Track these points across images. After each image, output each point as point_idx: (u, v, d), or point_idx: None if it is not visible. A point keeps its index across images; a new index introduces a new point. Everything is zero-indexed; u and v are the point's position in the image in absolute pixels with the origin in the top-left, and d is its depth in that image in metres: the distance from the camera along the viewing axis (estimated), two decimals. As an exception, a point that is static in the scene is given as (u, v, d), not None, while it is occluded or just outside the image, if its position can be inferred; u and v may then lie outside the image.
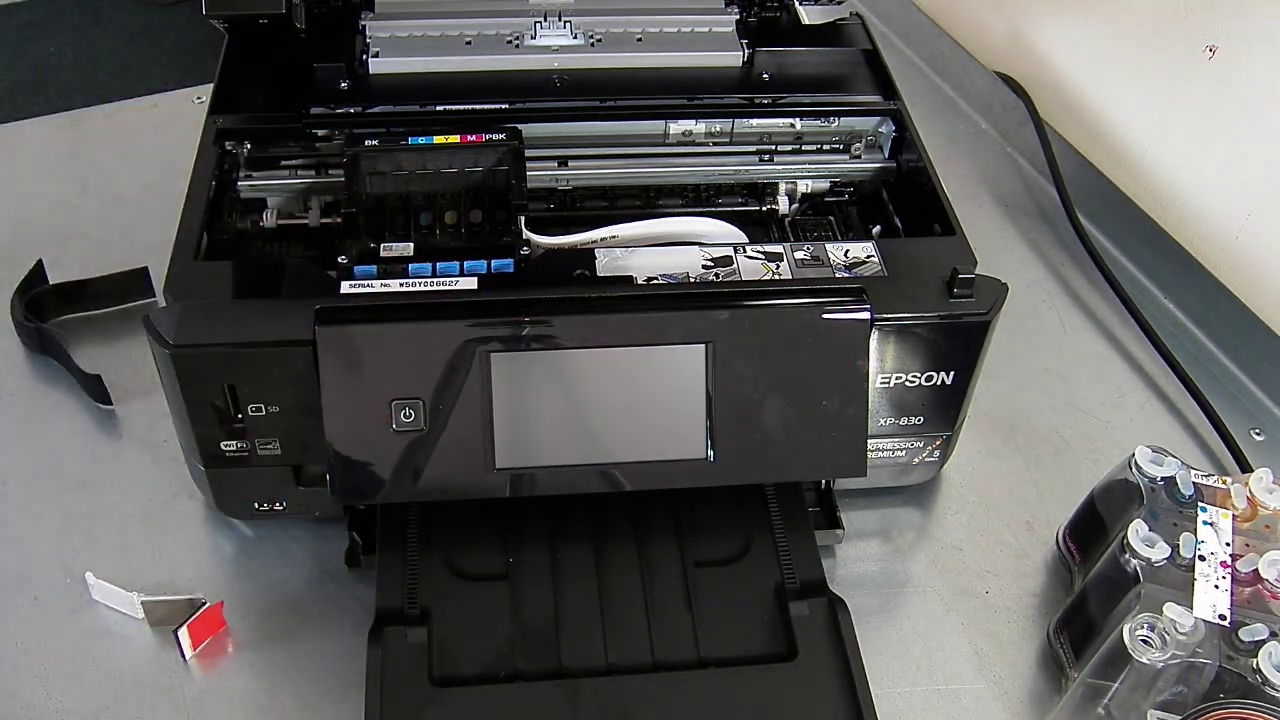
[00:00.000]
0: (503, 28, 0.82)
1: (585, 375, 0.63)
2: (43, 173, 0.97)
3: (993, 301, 0.65)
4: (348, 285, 0.63)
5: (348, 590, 0.69)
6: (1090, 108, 1.01)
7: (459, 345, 0.61)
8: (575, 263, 0.65)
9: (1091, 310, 0.92)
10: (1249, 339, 0.86)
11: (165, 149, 0.99)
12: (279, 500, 0.69)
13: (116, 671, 0.65)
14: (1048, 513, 0.76)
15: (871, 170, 0.79)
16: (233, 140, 0.74)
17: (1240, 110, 0.86)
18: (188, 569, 0.70)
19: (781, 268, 0.66)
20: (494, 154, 0.71)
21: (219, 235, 0.70)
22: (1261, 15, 0.83)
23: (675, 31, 0.83)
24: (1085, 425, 0.82)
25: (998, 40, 1.10)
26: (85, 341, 0.83)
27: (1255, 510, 0.65)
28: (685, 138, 0.79)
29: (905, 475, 0.73)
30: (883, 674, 0.67)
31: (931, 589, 0.72)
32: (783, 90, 0.80)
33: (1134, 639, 0.59)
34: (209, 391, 0.62)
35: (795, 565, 0.66)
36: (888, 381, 0.67)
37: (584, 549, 0.67)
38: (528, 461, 0.63)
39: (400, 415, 0.61)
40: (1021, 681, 0.67)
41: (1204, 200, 0.91)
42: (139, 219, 0.93)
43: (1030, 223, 0.99)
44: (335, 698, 0.64)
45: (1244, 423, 0.83)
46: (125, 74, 2.38)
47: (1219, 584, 0.62)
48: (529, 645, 0.62)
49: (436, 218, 0.69)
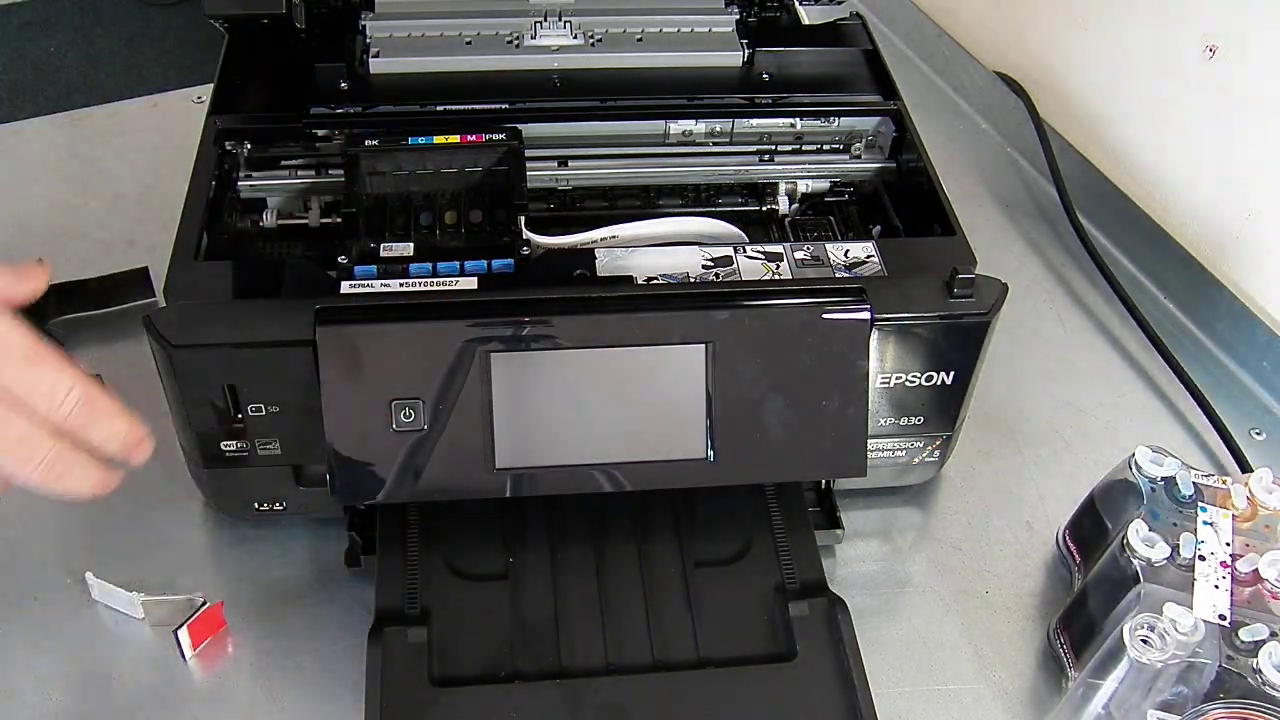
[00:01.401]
0: (503, 28, 0.82)
1: (585, 375, 0.63)
2: (43, 173, 0.97)
3: (993, 301, 0.65)
4: (348, 285, 0.63)
5: (348, 590, 0.69)
6: (1090, 108, 1.01)
7: (459, 345, 0.61)
8: (575, 263, 0.65)
9: (1091, 310, 0.92)
10: (1249, 339, 0.86)
11: (165, 149, 0.99)
12: (279, 500, 0.69)
13: (116, 671, 0.65)
14: (1048, 513, 0.76)
15: (871, 170, 0.79)
16: (233, 140, 0.74)
17: (1240, 110, 0.86)
18: (188, 569, 0.70)
19: (781, 268, 0.66)
20: (494, 154, 0.71)
21: (219, 235, 0.70)
22: (1261, 15, 0.83)
23: (675, 31, 0.83)
24: (1085, 425, 0.82)
25: (998, 40, 1.10)
26: (85, 341, 0.83)
27: (1255, 510, 0.65)
28: (685, 138, 0.79)
29: (905, 475, 0.73)
30: (883, 674, 0.67)
31: (931, 589, 0.72)
32: (783, 90, 0.80)
33: (1134, 639, 0.59)
34: (209, 391, 0.62)
35: (795, 565, 0.66)
36: (888, 381, 0.67)
37: (584, 549, 0.67)
38: (528, 461, 0.63)
39: (400, 415, 0.61)
40: (1021, 681, 0.67)
41: (1204, 200, 0.91)
42: (139, 219, 0.93)
43: (1030, 223, 0.99)
44: (335, 698, 0.64)
45: (1244, 423, 0.83)
46: (125, 74, 2.38)
47: (1219, 584, 0.62)
48: (529, 645, 0.62)
49: (436, 218, 0.69)
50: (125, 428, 0.54)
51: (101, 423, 0.53)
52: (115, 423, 0.54)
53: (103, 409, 0.53)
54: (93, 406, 0.52)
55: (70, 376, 0.52)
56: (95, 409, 0.53)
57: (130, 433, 0.54)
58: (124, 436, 0.54)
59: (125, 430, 0.54)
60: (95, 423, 0.53)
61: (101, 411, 0.53)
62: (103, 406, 0.53)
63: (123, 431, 0.54)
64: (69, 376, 0.52)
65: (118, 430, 0.54)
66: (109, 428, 0.53)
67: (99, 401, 0.53)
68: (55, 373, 0.51)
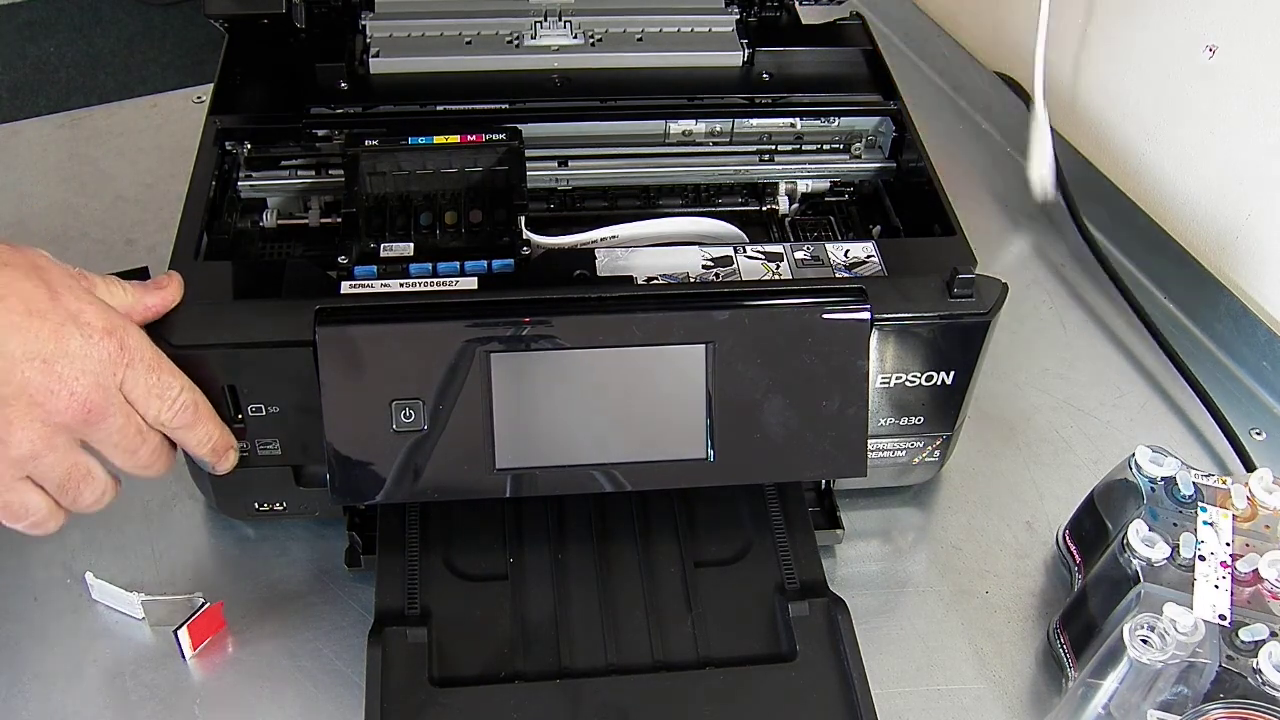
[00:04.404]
0: (502, 27, 0.82)
1: (585, 375, 0.63)
2: (43, 173, 0.97)
3: (993, 301, 0.65)
4: (348, 285, 0.63)
5: (348, 590, 0.69)
6: (1090, 108, 1.01)
7: (459, 345, 0.61)
8: (575, 263, 0.65)
9: (1092, 310, 0.92)
10: (1249, 339, 0.86)
11: (165, 149, 0.99)
12: (279, 500, 0.69)
13: (116, 671, 0.66)
14: (1048, 513, 0.76)
15: (871, 170, 0.79)
16: (233, 140, 0.74)
17: (1240, 110, 0.86)
18: (188, 569, 0.70)
19: (781, 268, 0.66)
20: (494, 154, 0.71)
21: (219, 235, 0.70)
22: (1261, 15, 0.83)
23: (675, 31, 0.83)
24: (1085, 425, 0.82)
25: (998, 40, 1.10)
26: (85, 341, 0.83)
27: (1255, 510, 0.65)
28: (685, 138, 0.79)
29: (905, 475, 0.73)
30: (883, 674, 0.67)
31: (931, 589, 0.72)
32: (783, 90, 0.80)
33: (1134, 639, 0.59)
34: (209, 392, 0.62)
35: (795, 565, 0.66)
36: (888, 381, 0.67)
37: (584, 549, 0.67)
38: (528, 461, 0.63)
39: (400, 415, 0.61)
40: (1021, 681, 0.67)
41: (1204, 200, 0.91)
42: (139, 219, 0.93)
43: (1030, 223, 0.99)
44: (335, 698, 0.64)
45: (1245, 422, 0.83)
46: (125, 74, 2.38)
47: (1219, 584, 0.62)
48: (529, 645, 0.62)
49: (437, 218, 0.69)
50: (219, 434, 0.61)
51: (200, 427, 0.60)
52: (211, 429, 0.61)
53: (204, 414, 0.60)
54: (195, 412, 0.59)
55: (180, 383, 0.58)
56: (198, 414, 0.59)
57: (221, 439, 0.61)
58: (215, 442, 0.61)
59: (218, 436, 0.61)
60: (194, 427, 0.59)
61: (202, 417, 0.60)
62: (204, 412, 0.60)
63: (216, 437, 0.61)
64: (179, 383, 0.58)
65: (212, 435, 0.61)
66: (205, 432, 0.60)
67: (201, 409, 0.60)
68: (170, 377, 0.58)
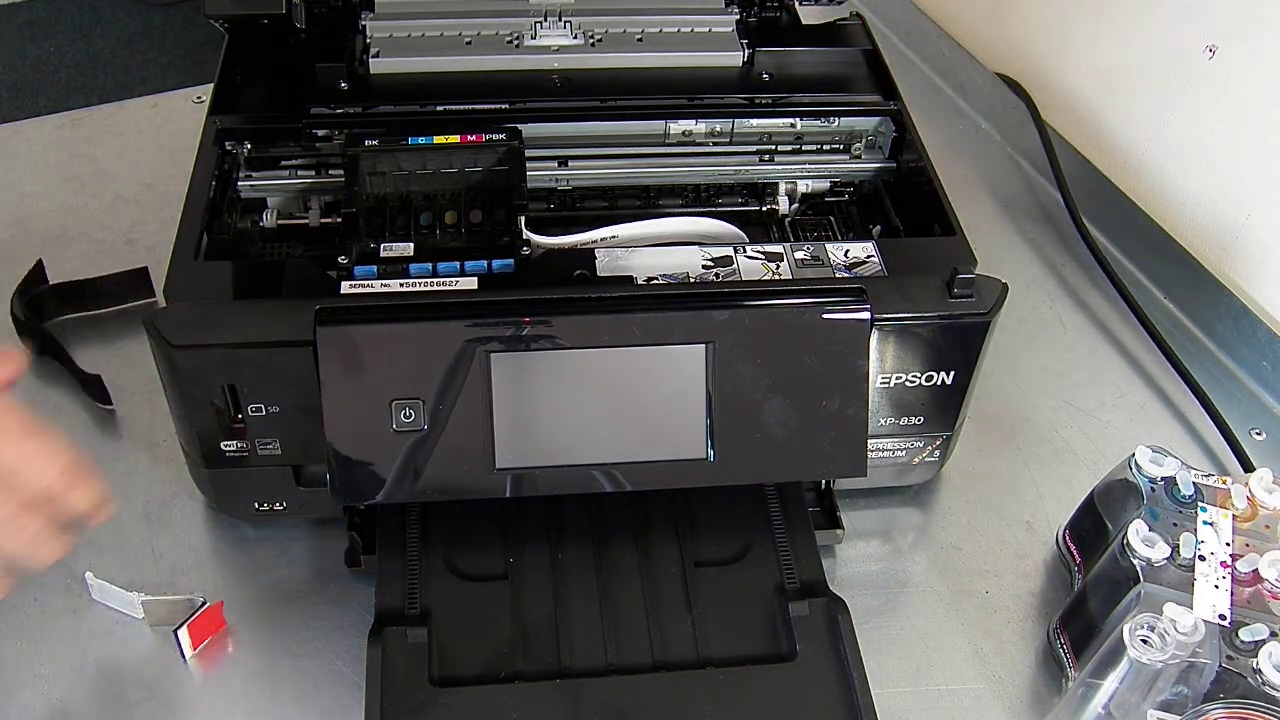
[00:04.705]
0: (502, 28, 0.82)
1: (585, 375, 0.63)
2: (43, 173, 0.97)
3: (993, 301, 0.65)
4: (348, 285, 0.63)
5: (348, 590, 0.69)
6: (1090, 108, 1.01)
7: (459, 345, 0.61)
8: (575, 263, 0.65)
9: (1091, 310, 0.92)
10: (1249, 339, 0.86)
11: (165, 149, 0.99)
12: (279, 500, 0.69)
13: (116, 671, 0.65)
14: (1048, 513, 0.76)
15: (871, 170, 0.79)
16: (233, 140, 0.74)
17: (1240, 110, 0.86)
18: (188, 569, 0.70)
19: (781, 268, 0.66)
20: (494, 154, 0.71)
21: (219, 235, 0.70)
22: (1261, 15, 0.83)
23: (675, 31, 0.83)
24: (1085, 425, 0.82)
25: (998, 40, 1.10)
26: (85, 341, 0.83)
27: (1255, 510, 0.65)
28: (685, 138, 0.79)
29: (905, 475, 0.73)
30: (883, 674, 0.67)
31: (931, 589, 0.72)
32: (783, 90, 0.80)
33: (1134, 639, 0.59)
34: (209, 391, 0.62)
35: (795, 565, 0.66)
36: (888, 381, 0.67)
37: (584, 549, 0.67)
38: (528, 461, 0.63)
39: (400, 415, 0.61)
40: (1021, 681, 0.67)
41: (1204, 200, 0.91)
42: (139, 219, 0.93)
43: (1030, 223, 0.99)
44: (335, 698, 0.64)
45: (1244, 423, 0.83)
46: (125, 74, 2.38)
47: (1219, 584, 0.62)
48: (529, 645, 0.62)
49: (437, 218, 0.69)
50: (98, 490, 0.57)
51: (80, 487, 0.56)
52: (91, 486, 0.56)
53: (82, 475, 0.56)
54: (74, 474, 0.55)
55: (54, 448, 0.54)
56: (76, 475, 0.55)
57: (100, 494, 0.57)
58: (95, 497, 0.57)
59: (98, 493, 0.57)
60: (75, 487, 0.55)
61: (81, 477, 0.56)
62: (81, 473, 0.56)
63: (96, 493, 0.57)
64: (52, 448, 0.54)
65: (93, 492, 0.56)
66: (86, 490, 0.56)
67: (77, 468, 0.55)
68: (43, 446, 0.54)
